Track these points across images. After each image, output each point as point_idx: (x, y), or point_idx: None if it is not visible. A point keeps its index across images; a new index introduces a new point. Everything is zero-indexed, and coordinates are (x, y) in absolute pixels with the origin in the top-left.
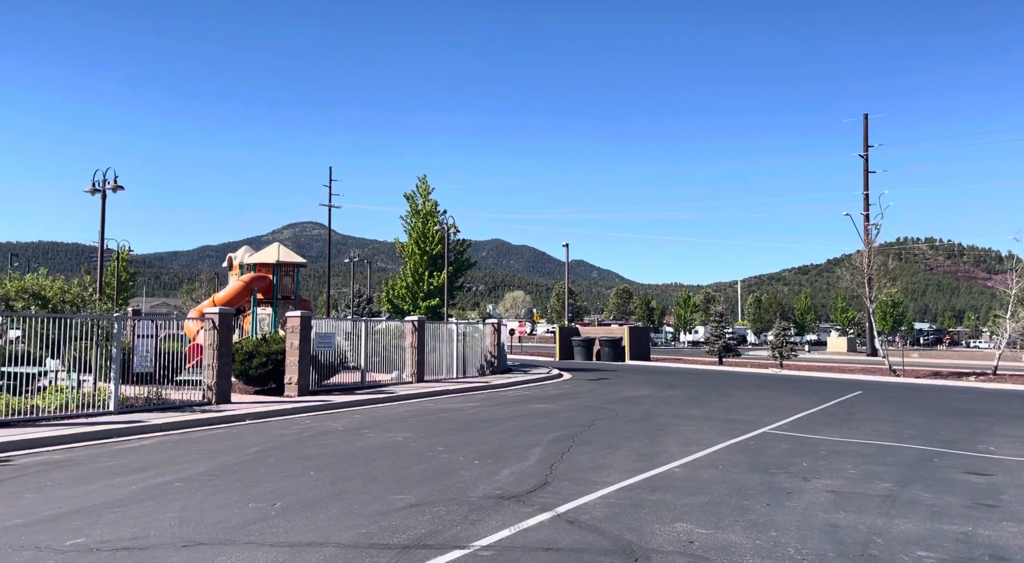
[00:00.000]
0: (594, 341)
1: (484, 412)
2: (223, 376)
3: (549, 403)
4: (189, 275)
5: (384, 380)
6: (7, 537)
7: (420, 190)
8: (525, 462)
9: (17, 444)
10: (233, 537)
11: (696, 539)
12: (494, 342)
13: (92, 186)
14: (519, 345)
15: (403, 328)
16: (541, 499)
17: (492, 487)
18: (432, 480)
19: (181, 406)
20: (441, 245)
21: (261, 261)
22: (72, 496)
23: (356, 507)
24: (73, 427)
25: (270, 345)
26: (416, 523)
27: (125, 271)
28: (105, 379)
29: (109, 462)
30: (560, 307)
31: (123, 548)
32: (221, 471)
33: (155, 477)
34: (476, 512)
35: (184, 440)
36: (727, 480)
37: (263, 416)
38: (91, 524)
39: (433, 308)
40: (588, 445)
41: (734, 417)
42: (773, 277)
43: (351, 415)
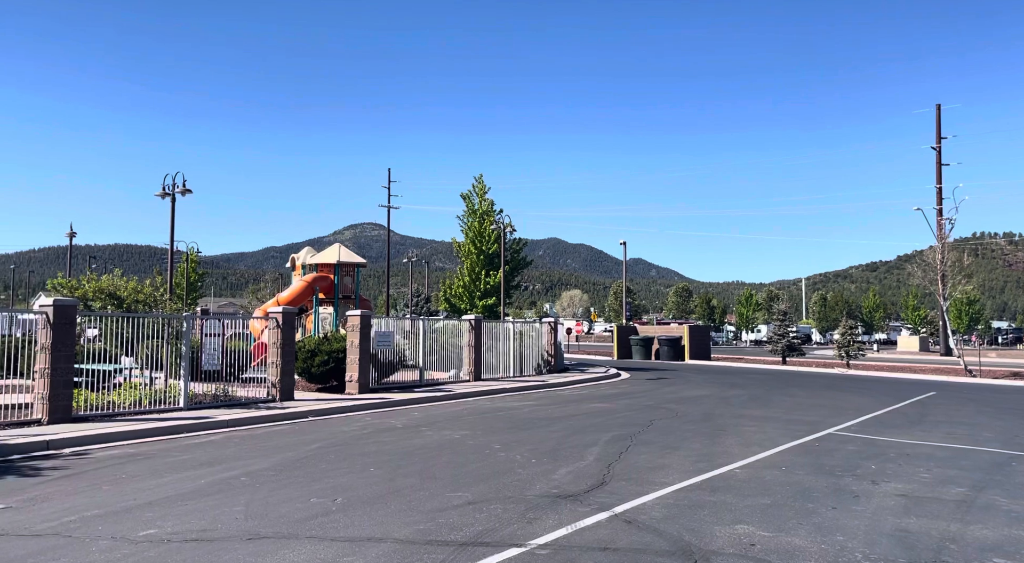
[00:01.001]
0: (653, 340)
1: (541, 411)
2: (286, 374)
3: (607, 402)
4: (254, 275)
5: (442, 378)
6: (86, 527)
7: (476, 190)
8: (582, 461)
9: (95, 438)
10: (296, 531)
11: (758, 542)
12: (551, 341)
13: (163, 190)
14: (576, 344)
15: (460, 327)
16: (598, 498)
17: (549, 486)
18: (489, 478)
19: (246, 403)
20: (497, 244)
21: (322, 261)
22: (145, 489)
23: (414, 503)
24: (146, 422)
25: (331, 344)
26: (473, 520)
27: (194, 272)
28: (175, 376)
29: (180, 456)
30: (618, 306)
31: (192, 540)
32: (284, 467)
33: (222, 472)
34: (533, 511)
35: (249, 436)
36: (790, 482)
37: (324, 413)
38: (163, 516)
39: (490, 307)
40: (646, 445)
41: (798, 418)
42: (839, 274)
43: (409, 413)
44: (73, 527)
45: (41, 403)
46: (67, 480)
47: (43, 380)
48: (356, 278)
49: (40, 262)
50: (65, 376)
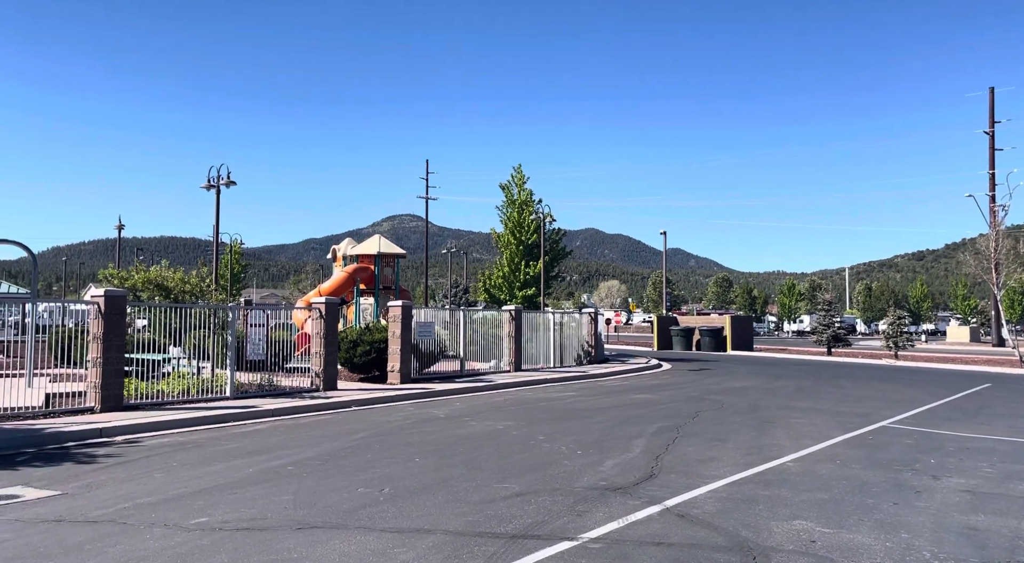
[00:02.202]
0: (693, 331)
1: (583, 402)
2: (330, 364)
3: (650, 393)
4: (295, 267)
5: (482, 369)
6: (140, 514)
7: (515, 180)
8: (629, 453)
9: (146, 426)
10: (345, 521)
11: (818, 538)
12: (591, 331)
13: (208, 182)
14: (615, 335)
15: (500, 318)
16: (648, 491)
17: (597, 478)
18: (535, 469)
19: (291, 392)
20: (537, 234)
21: (363, 252)
22: (195, 476)
23: (461, 494)
24: (194, 411)
25: (373, 334)
26: (522, 513)
27: (237, 263)
28: (221, 366)
29: (227, 445)
30: (656, 296)
31: (243, 528)
32: (330, 456)
33: (270, 460)
34: (582, 503)
35: (295, 425)
36: (847, 476)
37: (367, 403)
38: (213, 504)
39: (529, 298)
40: (694, 437)
41: (848, 410)
42: (884, 264)
43: (451, 403)
44: (127, 514)
45: (94, 391)
46: (120, 467)
47: (95, 369)
48: (396, 269)
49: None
50: (116, 365)
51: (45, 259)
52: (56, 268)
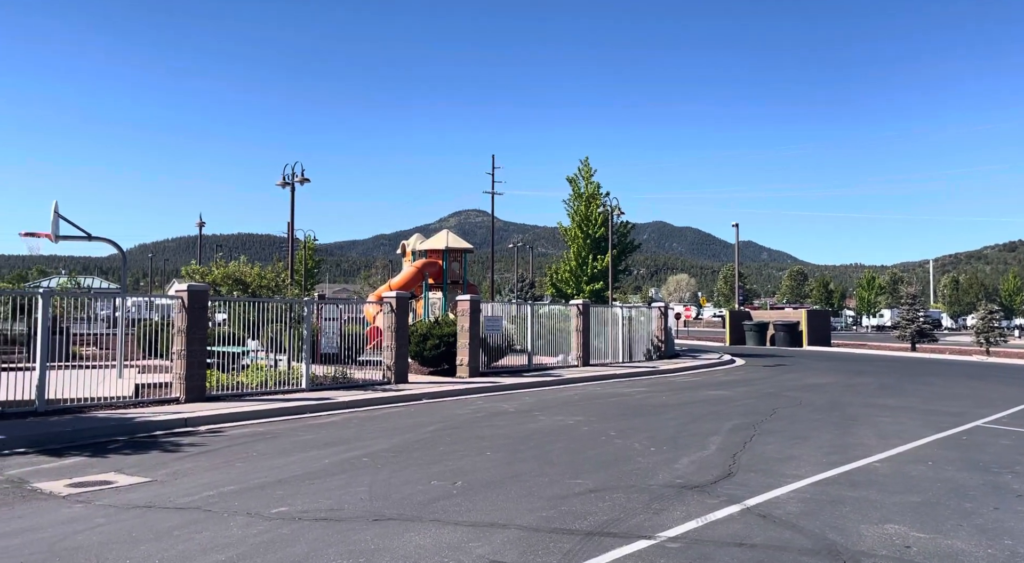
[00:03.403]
0: (767, 325)
1: (654, 398)
2: (400, 357)
3: (723, 389)
4: (366, 262)
5: (550, 363)
6: (224, 502)
7: (582, 173)
8: (705, 451)
9: (227, 417)
10: (419, 513)
11: (913, 543)
12: (661, 326)
13: (283, 179)
14: (685, 330)
15: (568, 312)
16: (727, 490)
17: (672, 475)
18: (608, 465)
19: (363, 385)
20: (604, 228)
21: (431, 247)
22: (275, 466)
23: (534, 489)
24: (272, 402)
25: (442, 328)
26: (597, 509)
27: (311, 259)
28: (297, 359)
29: (304, 436)
30: (728, 290)
31: (321, 519)
32: (403, 448)
33: (345, 452)
34: (658, 501)
35: (368, 417)
36: (941, 478)
37: (438, 396)
38: (292, 494)
39: (597, 292)
40: (772, 434)
41: (938, 408)
42: (972, 255)
43: (520, 397)
44: (212, 502)
45: (179, 383)
46: (204, 456)
47: (180, 361)
48: (463, 263)
49: (174, 251)
50: (199, 357)
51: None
52: (143, 264)
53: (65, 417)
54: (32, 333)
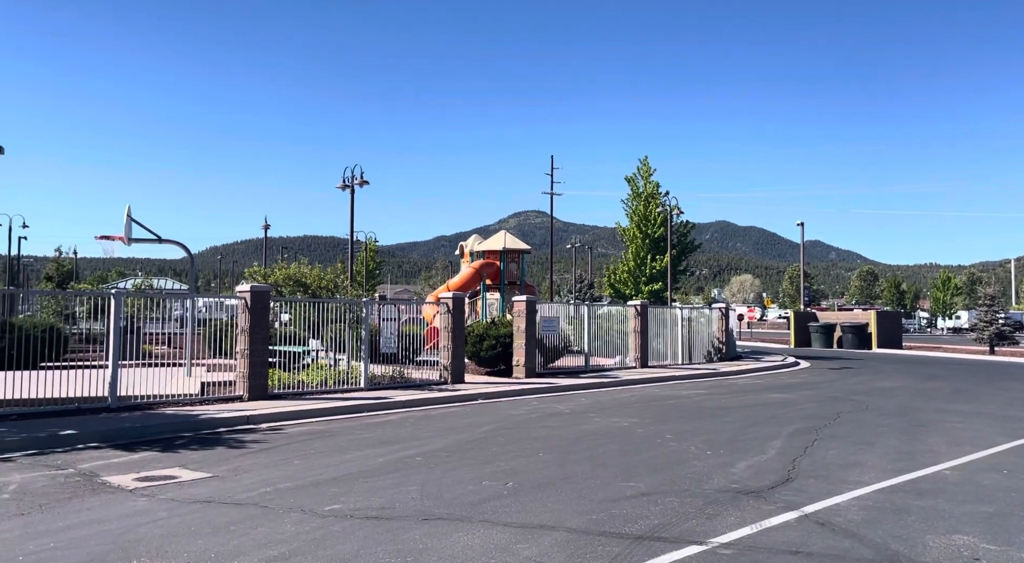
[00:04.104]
0: (834, 327)
1: (713, 400)
2: (457, 357)
3: (786, 393)
4: (426, 263)
5: (607, 364)
6: (280, 499)
7: (641, 172)
8: (763, 455)
9: (287, 415)
10: (469, 514)
11: (983, 556)
12: (721, 327)
13: (343, 182)
14: (748, 331)
15: (626, 313)
16: (784, 496)
17: (728, 480)
18: (662, 469)
19: (420, 385)
20: (663, 227)
21: (489, 248)
22: (330, 464)
23: (585, 492)
24: (331, 401)
25: (499, 328)
26: (648, 513)
27: (372, 260)
28: (356, 358)
29: (361, 434)
30: (793, 291)
31: (372, 517)
32: (456, 448)
33: (399, 451)
34: (712, 506)
35: (424, 417)
36: (1016, 488)
37: (493, 396)
38: (346, 492)
39: (656, 292)
40: (835, 440)
41: (1016, 414)
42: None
43: (576, 398)
44: (268, 498)
45: (242, 381)
46: (264, 453)
47: (243, 360)
48: (521, 264)
49: (242, 253)
50: (262, 356)
51: (204, 258)
52: (213, 266)
53: (135, 413)
54: (106, 332)
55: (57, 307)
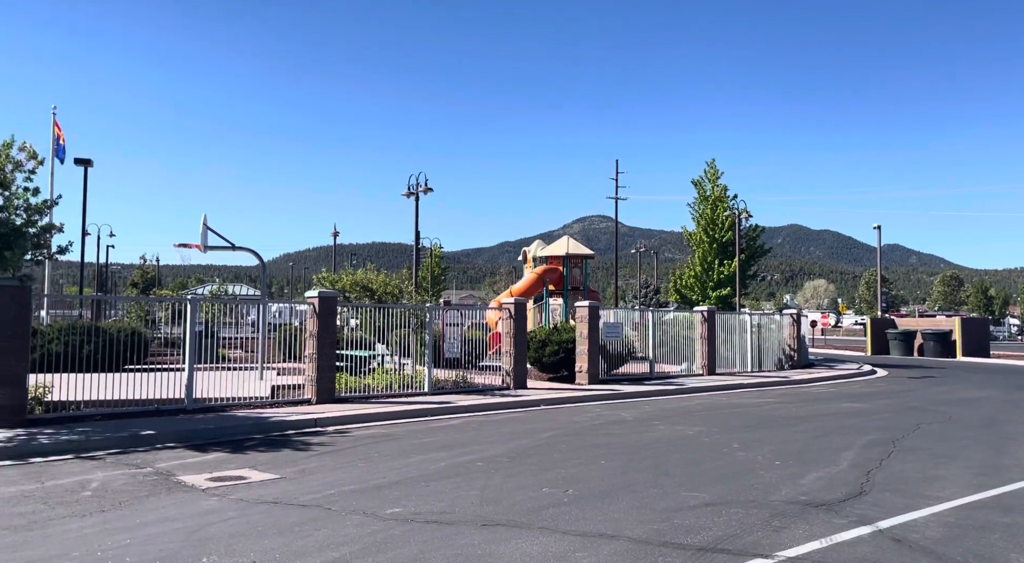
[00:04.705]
0: (914, 334)
1: (783, 409)
2: (519, 363)
3: (860, 402)
4: (491, 269)
5: (672, 371)
6: (343, 501)
7: (708, 175)
8: (835, 467)
9: (353, 418)
10: (528, 520)
11: None
12: (793, 334)
13: (408, 190)
14: (821, 338)
15: (692, 319)
16: (857, 510)
17: (796, 492)
18: (728, 479)
19: (483, 390)
20: (731, 231)
21: (552, 254)
22: (393, 468)
23: (647, 501)
24: (395, 405)
25: (561, 334)
26: (711, 524)
27: (437, 266)
28: (420, 363)
29: (423, 438)
30: (871, 297)
31: (432, 521)
32: (517, 454)
33: (461, 456)
34: (779, 518)
35: (486, 422)
36: None
37: (555, 402)
38: (407, 495)
39: (724, 298)
40: (913, 452)
41: None
42: None
43: (640, 405)
44: (332, 500)
45: (310, 385)
46: (330, 456)
47: (311, 364)
48: (584, 270)
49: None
50: (329, 361)
51: (276, 265)
52: (285, 272)
53: (209, 415)
54: (183, 337)
55: (139, 312)
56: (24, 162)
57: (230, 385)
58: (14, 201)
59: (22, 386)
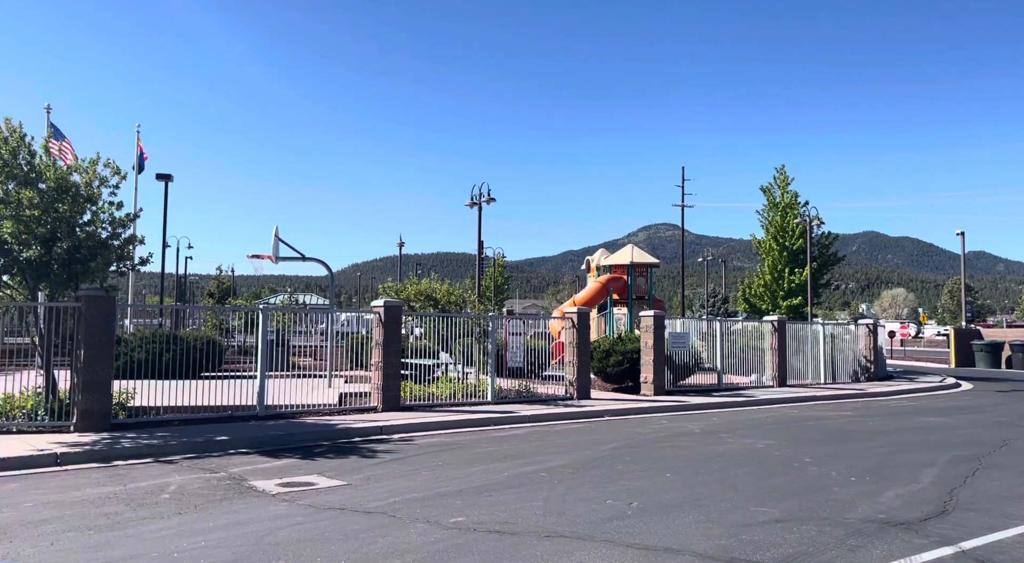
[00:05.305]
0: (1002, 346)
1: (858, 423)
2: (583, 373)
3: (943, 416)
4: (554, 278)
5: (742, 383)
6: (408, 509)
7: (777, 181)
8: (915, 484)
9: (417, 426)
10: (591, 532)
11: None
12: (869, 345)
13: (471, 200)
14: (900, 350)
15: (762, 329)
16: (939, 530)
17: (873, 509)
18: (799, 494)
19: (546, 399)
20: (803, 239)
21: (616, 262)
22: (456, 477)
23: (714, 515)
24: (459, 414)
25: (625, 344)
26: (782, 541)
27: (500, 275)
28: (483, 372)
29: (487, 448)
30: (954, 306)
31: (494, 531)
32: (581, 465)
33: (524, 466)
34: (855, 536)
35: (549, 432)
36: None
37: (620, 413)
38: (470, 505)
39: (795, 307)
40: (1000, 469)
41: None
42: None
43: (707, 417)
44: (397, 507)
45: (376, 393)
46: (395, 463)
47: (377, 372)
48: (649, 278)
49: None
50: (394, 369)
51: (344, 275)
52: (353, 282)
53: (280, 422)
54: (255, 345)
55: (215, 321)
56: (109, 178)
57: (300, 392)
58: (100, 215)
59: (108, 392)
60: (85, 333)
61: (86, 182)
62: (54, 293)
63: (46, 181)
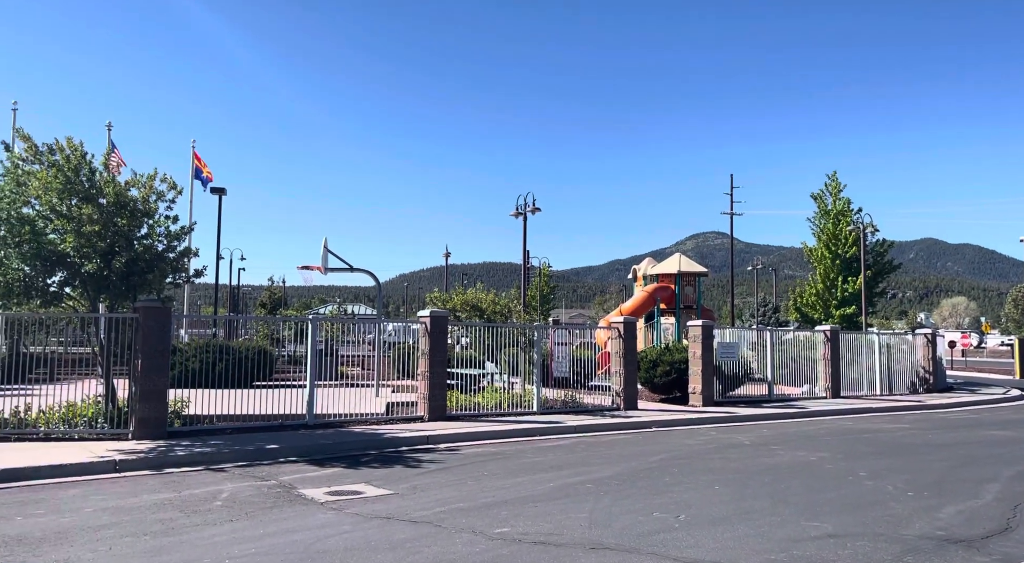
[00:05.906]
0: None
1: (916, 435)
2: (629, 383)
3: (1006, 430)
4: (600, 287)
5: (793, 394)
6: (453, 519)
7: (829, 188)
8: (977, 500)
9: (463, 436)
10: (638, 545)
11: None
12: (927, 355)
13: (516, 210)
14: (962, 360)
15: (814, 339)
16: (1002, 547)
17: (932, 526)
18: (853, 509)
19: (592, 410)
20: (856, 247)
21: (663, 272)
22: (502, 487)
23: (764, 529)
24: (505, 423)
25: (673, 354)
26: (835, 557)
27: (546, 285)
28: (529, 382)
29: (532, 458)
30: (1018, 315)
31: (539, 543)
32: (627, 476)
33: (569, 476)
34: (912, 554)
35: (596, 442)
36: None
37: (667, 424)
38: (515, 515)
39: (848, 317)
40: None
41: None
42: None
43: (758, 429)
44: (442, 517)
45: (423, 402)
46: (440, 473)
47: (424, 382)
48: (697, 288)
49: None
50: (440, 379)
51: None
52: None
53: (328, 430)
54: (305, 355)
55: (267, 331)
56: (165, 192)
57: (348, 402)
58: (156, 229)
59: (163, 400)
60: (142, 343)
61: (143, 197)
62: (113, 304)
63: (106, 196)
